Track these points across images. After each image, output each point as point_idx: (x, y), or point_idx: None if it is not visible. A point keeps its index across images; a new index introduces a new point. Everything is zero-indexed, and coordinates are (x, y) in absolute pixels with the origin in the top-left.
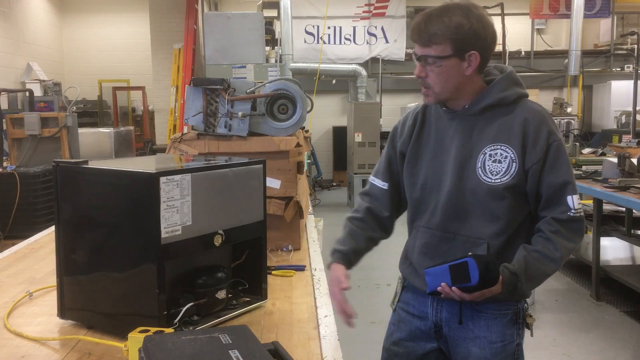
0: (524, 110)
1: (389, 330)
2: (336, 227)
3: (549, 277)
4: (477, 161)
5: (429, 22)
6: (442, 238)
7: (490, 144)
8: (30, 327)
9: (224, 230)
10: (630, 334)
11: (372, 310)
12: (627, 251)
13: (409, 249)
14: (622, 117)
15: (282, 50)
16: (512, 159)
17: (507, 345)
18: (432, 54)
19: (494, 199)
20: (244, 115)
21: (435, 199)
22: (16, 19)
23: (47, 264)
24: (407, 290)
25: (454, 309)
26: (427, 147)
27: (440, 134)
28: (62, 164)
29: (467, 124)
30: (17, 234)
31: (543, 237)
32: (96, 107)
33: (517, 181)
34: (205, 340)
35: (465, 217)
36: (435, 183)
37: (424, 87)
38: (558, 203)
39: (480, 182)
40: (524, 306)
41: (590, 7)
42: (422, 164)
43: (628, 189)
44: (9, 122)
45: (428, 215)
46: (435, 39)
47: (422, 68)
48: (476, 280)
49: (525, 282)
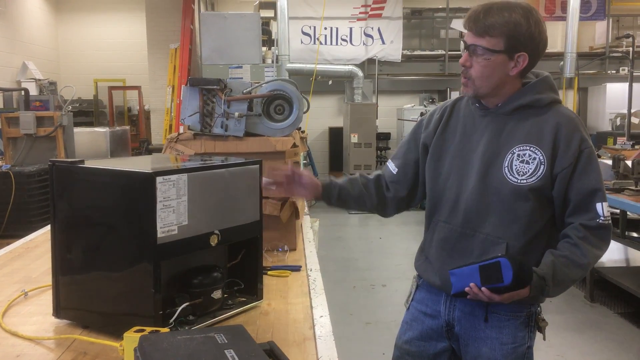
0: (557, 114)
1: (402, 329)
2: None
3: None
4: (504, 160)
5: (489, 13)
6: (461, 234)
7: (519, 144)
8: (25, 327)
9: (220, 230)
10: (624, 335)
11: (367, 311)
12: (622, 253)
13: (426, 243)
14: (617, 119)
15: (278, 50)
16: (540, 161)
17: (518, 348)
18: (484, 45)
19: (517, 200)
20: (240, 116)
21: (456, 194)
22: (12, 17)
23: (43, 264)
24: (421, 289)
25: (467, 309)
26: (452, 142)
27: (468, 130)
28: (58, 164)
29: (498, 122)
30: (12, 233)
31: (570, 242)
32: (92, 106)
33: (543, 184)
34: (201, 340)
35: (487, 215)
36: (458, 178)
37: (464, 77)
38: (587, 210)
39: (506, 181)
40: (537, 309)
41: (585, 9)
42: (446, 157)
43: (622, 191)
44: (4, 121)
45: (448, 210)
46: (491, 30)
47: (468, 57)
48: (509, 280)
49: (553, 286)
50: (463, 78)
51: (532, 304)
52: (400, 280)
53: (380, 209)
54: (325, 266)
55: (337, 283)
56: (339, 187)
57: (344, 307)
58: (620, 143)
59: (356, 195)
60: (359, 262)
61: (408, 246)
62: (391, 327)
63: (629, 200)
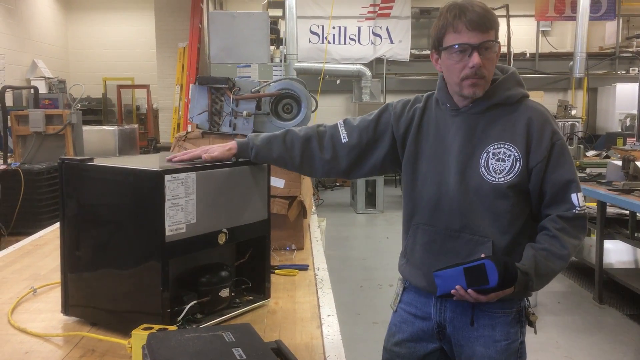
0: (528, 109)
1: (390, 331)
2: (339, 227)
3: (557, 274)
4: (480, 159)
5: (485, 9)
6: (445, 236)
7: (493, 142)
8: (34, 323)
9: (228, 229)
10: (633, 337)
11: (374, 311)
12: (630, 254)
13: (408, 248)
14: (627, 119)
15: (286, 49)
16: (516, 157)
17: (512, 344)
18: (492, 39)
19: (497, 198)
20: (248, 115)
21: (436, 197)
22: (22, 16)
23: (51, 261)
24: (408, 291)
25: (458, 309)
26: (426, 144)
27: (441, 131)
28: (67, 161)
29: (470, 122)
30: (21, 231)
31: (549, 234)
32: (101, 104)
33: (521, 180)
34: (208, 338)
35: (469, 215)
36: (437, 180)
37: (479, 77)
38: (563, 201)
39: (484, 180)
40: (526, 304)
41: (595, 9)
42: (421, 159)
43: (632, 192)
44: (13, 119)
45: (428, 212)
46: (493, 24)
47: (479, 57)
48: (495, 282)
49: (536, 280)
50: (475, 79)
51: (520, 299)
52: None
53: (305, 170)
54: (332, 265)
55: (344, 282)
56: (256, 149)
57: (350, 306)
58: (630, 144)
59: (275, 157)
60: (366, 262)
61: None
62: None
63: (638, 201)
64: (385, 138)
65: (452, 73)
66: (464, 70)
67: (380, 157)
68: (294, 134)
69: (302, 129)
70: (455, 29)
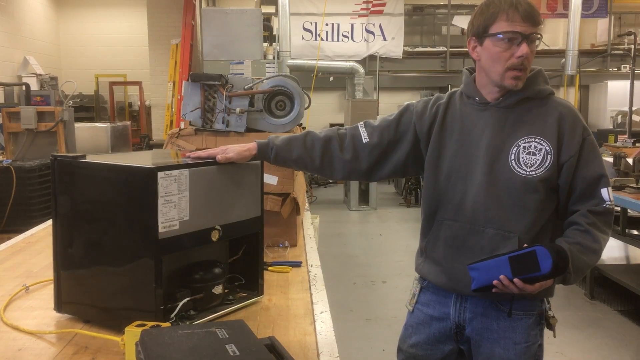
0: (558, 105)
1: (406, 332)
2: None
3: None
4: (509, 153)
5: (534, 4)
6: (470, 230)
7: (524, 136)
8: (26, 321)
9: (221, 226)
10: (624, 332)
11: (367, 307)
12: (622, 250)
13: (429, 244)
14: (618, 117)
15: (279, 46)
16: (547, 151)
17: (531, 346)
18: (539, 32)
19: (527, 192)
20: (241, 111)
21: (462, 191)
22: (13, 12)
23: (44, 258)
24: (425, 291)
25: (478, 309)
26: (450, 139)
27: (467, 126)
28: (60, 158)
29: (499, 116)
30: (13, 228)
31: (580, 229)
32: (93, 101)
33: (551, 174)
34: (202, 334)
35: (496, 210)
36: (463, 175)
37: (521, 70)
38: (593, 196)
39: (514, 174)
40: (547, 307)
41: (587, 7)
42: (446, 156)
43: (623, 188)
44: (5, 115)
45: (454, 208)
46: (541, 20)
47: (527, 48)
48: (548, 268)
49: (573, 274)
50: (517, 72)
51: (542, 301)
52: (401, 276)
53: (326, 171)
54: (325, 262)
55: (337, 279)
56: (276, 149)
57: (344, 303)
58: (621, 141)
59: (295, 158)
60: (360, 259)
61: (408, 243)
62: (391, 323)
63: (629, 197)
64: (407, 138)
65: (497, 62)
66: (510, 59)
67: (402, 157)
68: (314, 135)
69: (323, 130)
70: (509, 18)
